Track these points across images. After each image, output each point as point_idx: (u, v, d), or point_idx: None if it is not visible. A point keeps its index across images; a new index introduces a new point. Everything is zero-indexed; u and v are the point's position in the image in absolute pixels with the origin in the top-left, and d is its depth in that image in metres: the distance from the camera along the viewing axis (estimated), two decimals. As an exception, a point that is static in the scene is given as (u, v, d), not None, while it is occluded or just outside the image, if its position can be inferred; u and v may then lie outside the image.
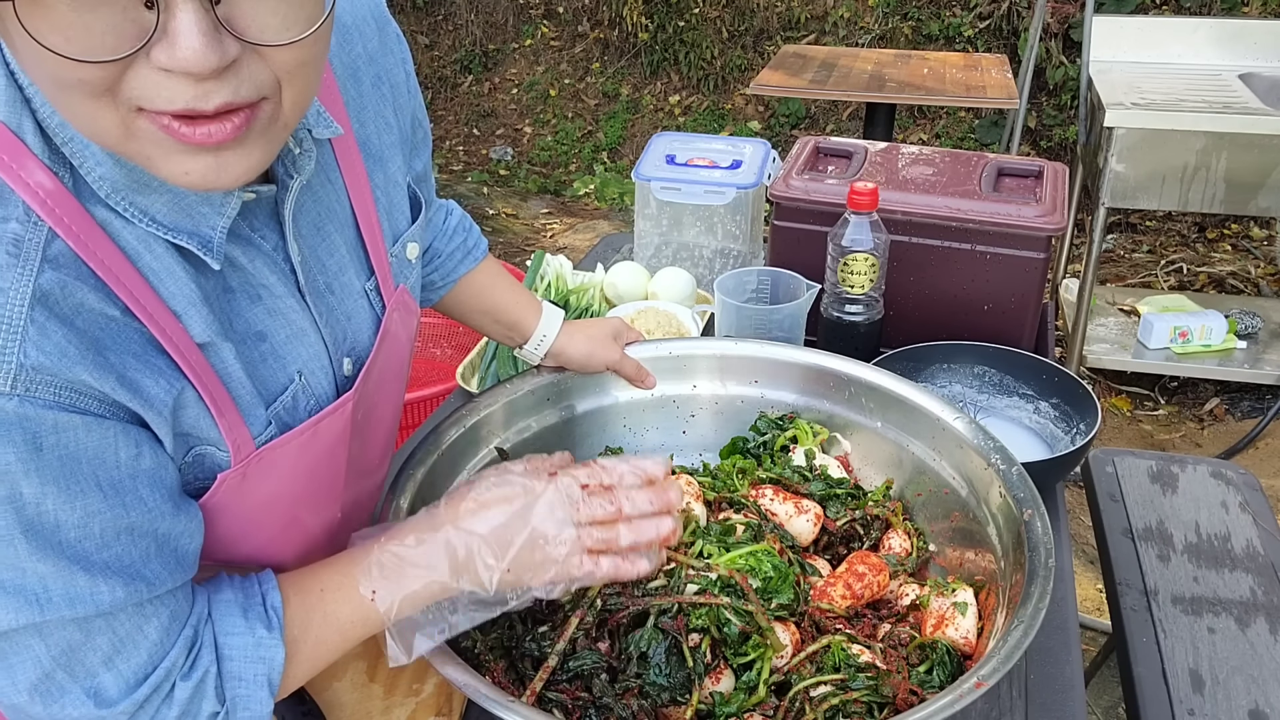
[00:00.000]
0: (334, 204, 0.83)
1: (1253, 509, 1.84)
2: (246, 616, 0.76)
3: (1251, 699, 1.44)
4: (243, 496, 0.77)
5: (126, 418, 0.67)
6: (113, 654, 0.69)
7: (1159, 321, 3.25)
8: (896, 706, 0.92)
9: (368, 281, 0.88)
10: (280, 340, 0.78)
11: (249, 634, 0.75)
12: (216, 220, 0.69)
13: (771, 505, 1.13)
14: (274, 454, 0.78)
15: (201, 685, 0.73)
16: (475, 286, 1.21)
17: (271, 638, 0.76)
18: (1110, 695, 2.22)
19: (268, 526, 0.83)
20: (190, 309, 0.70)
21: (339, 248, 0.84)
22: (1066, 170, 1.64)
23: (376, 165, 0.88)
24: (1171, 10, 4.68)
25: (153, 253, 0.68)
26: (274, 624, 0.76)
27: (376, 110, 0.87)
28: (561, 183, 5.52)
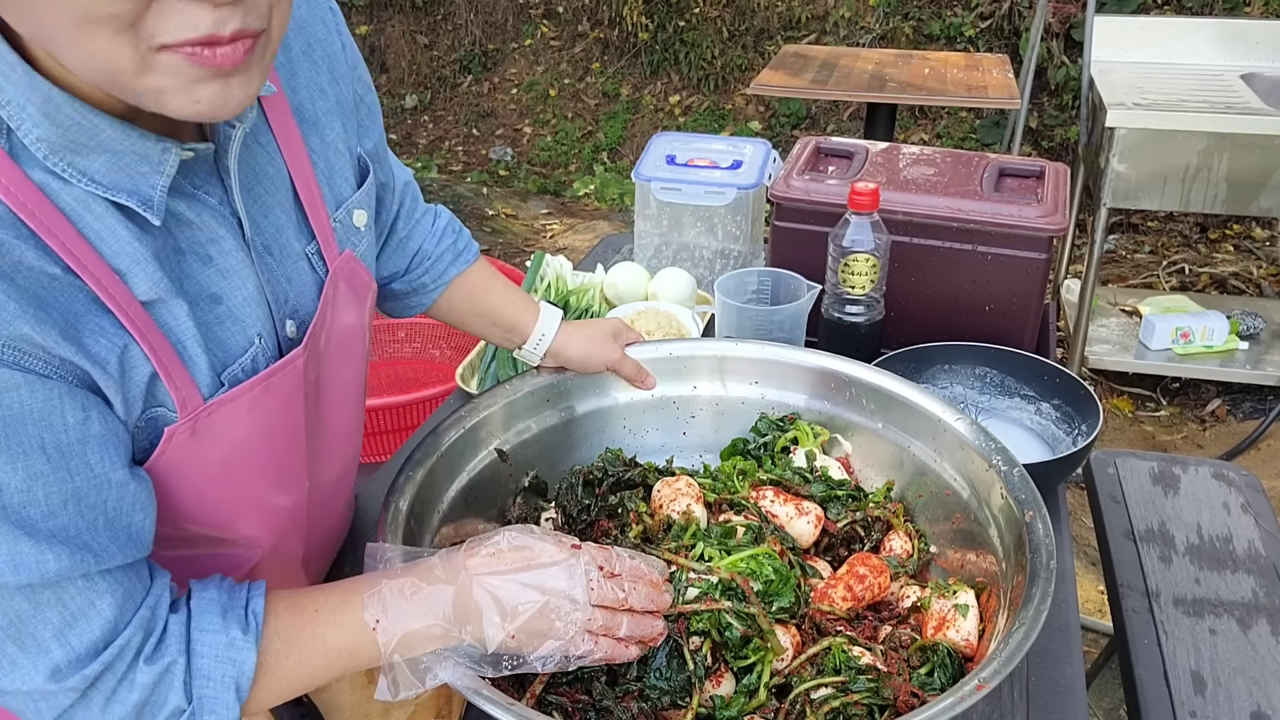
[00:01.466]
0: (266, 166, 0.84)
1: (1254, 510, 1.84)
2: (224, 617, 0.76)
3: (1253, 700, 1.43)
4: (196, 456, 0.77)
5: (74, 379, 0.67)
6: (63, 628, 0.69)
7: (1161, 322, 3.24)
8: (897, 709, 0.92)
9: (308, 245, 0.88)
10: (237, 303, 0.79)
11: (223, 633, 0.75)
12: (156, 179, 0.71)
13: (772, 507, 1.13)
14: (224, 411, 0.78)
15: (168, 675, 0.73)
16: (469, 289, 1.21)
17: (245, 641, 0.75)
18: (1112, 697, 2.21)
19: (229, 493, 0.82)
20: (134, 266, 0.71)
21: (273, 209, 0.84)
22: (1068, 170, 1.63)
23: (312, 130, 0.89)
24: (1173, 10, 4.67)
25: (93, 213, 0.69)
26: (250, 628, 0.76)
27: (308, 76, 0.89)
28: (561, 183, 5.52)
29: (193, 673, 0.74)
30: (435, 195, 5.13)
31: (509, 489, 1.20)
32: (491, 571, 0.82)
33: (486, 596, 0.81)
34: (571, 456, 1.25)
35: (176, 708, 0.74)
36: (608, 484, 1.20)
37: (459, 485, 1.13)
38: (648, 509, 1.15)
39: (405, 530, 1.00)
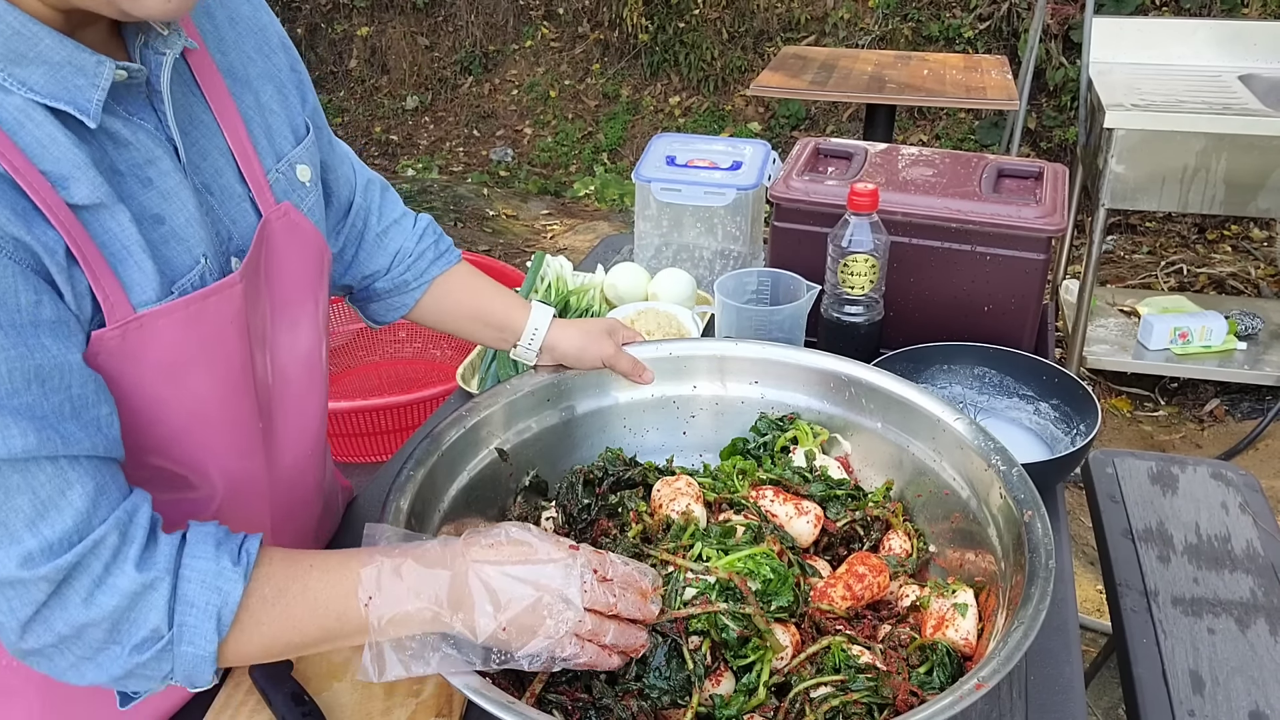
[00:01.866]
0: (200, 114, 0.88)
1: (1253, 510, 1.84)
2: (218, 548, 0.78)
3: (1252, 700, 1.44)
4: (131, 369, 0.79)
5: (26, 262, 0.70)
6: (35, 517, 0.71)
7: (1159, 322, 3.25)
8: (896, 708, 0.92)
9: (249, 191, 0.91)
10: (179, 224, 0.82)
11: (213, 562, 0.77)
12: (91, 92, 0.74)
13: (772, 506, 1.13)
14: (155, 322, 0.79)
15: (151, 591, 0.74)
16: (458, 292, 1.23)
17: (235, 572, 0.77)
18: (1110, 696, 2.22)
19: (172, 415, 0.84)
20: (75, 171, 0.74)
21: (210, 152, 0.88)
22: (1066, 171, 1.64)
23: (244, 89, 0.93)
24: (1171, 11, 4.68)
25: (33, 120, 0.72)
26: (241, 562, 0.78)
27: (235, 43, 0.93)
28: (562, 184, 5.52)
29: (177, 598, 0.76)
30: (436, 196, 5.13)
31: (509, 488, 1.21)
32: (489, 561, 0.83)
33: (480, 585, 0.81)
34: (572, 456, 1.26)
35: (155, 630, 0.75)
36: (608, 484, 1.21)
37: (459, 485, 1.14)
38: (647, 508, 1.15)
39: (405, 529, 1.01)
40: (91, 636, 0.74)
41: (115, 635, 0.75)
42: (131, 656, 0.75)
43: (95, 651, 0.75)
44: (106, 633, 0.74)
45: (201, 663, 0.77)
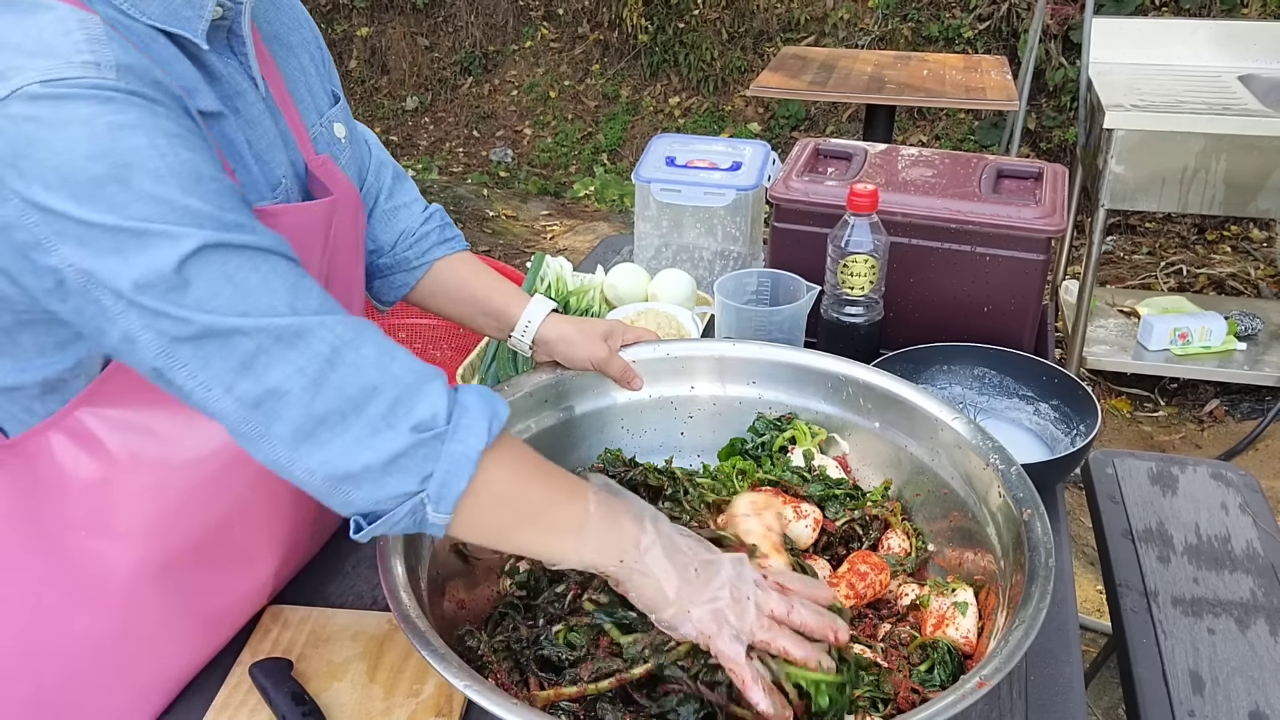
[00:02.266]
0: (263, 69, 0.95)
1: (1253, 510, 1.85)
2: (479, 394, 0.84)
3: (1252, 700, 1.44)
4: None
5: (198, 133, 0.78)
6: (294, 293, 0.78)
7: (1159, 323, 3.25)
8: (898, 705, 0.92)
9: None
10: (263, 148, 0.90)
11: (480, 393, 0.84)
12: (198, 22, 0.82)
13: None
14: (273, 220, 0.86)
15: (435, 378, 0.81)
16: (459, 276, 1.25)
17: (500, 401, 0.84)
18: (1110, 696, 2.22)
19: None
20: (197, 84, 0.83)
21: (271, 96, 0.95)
22: (1066, 172, 1.64)
23: (286, 52, 1.01)
24: (1171, 12, 4.68)
25: (158, 43, 0.81)
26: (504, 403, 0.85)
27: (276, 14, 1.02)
28: (561, 184, 5.52)
29: (455, 399, 0.82)
30: (435, 196, 5.13)
31: (509, 489, 1.21)
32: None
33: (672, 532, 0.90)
34: (571, 456, 1.26)
35: (434, 415, 0.80)
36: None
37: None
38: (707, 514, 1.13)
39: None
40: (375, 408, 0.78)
41: (397, 408, 0.78)
42: (410, 435, 0.78)
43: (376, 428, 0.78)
44: (390, 404, 0.78)
45: (464, 464, 0.80)
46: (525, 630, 0.99)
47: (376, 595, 1.15)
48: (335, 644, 1.06)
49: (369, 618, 1.10)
